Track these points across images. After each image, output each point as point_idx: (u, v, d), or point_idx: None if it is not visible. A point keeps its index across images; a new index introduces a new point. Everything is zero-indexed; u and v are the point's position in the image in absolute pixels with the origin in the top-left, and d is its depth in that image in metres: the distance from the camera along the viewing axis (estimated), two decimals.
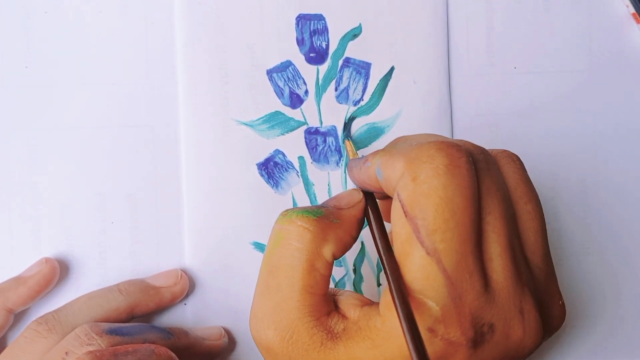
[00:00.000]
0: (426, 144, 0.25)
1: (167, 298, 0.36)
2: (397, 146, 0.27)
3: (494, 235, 0.25)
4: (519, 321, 0.25)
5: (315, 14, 0.38)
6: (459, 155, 0.24)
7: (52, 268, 0.36)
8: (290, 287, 0.26)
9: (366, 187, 0.29)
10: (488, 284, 0.25)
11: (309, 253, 0.26)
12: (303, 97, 0.38)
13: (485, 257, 0.25)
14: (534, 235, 0.27)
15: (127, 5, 0.38)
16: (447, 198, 0.24)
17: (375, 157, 0.27)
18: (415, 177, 0.24)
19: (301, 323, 0.26)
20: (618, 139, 0.39)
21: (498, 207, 0.25)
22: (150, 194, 0.37)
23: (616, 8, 0.40)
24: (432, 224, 0.24)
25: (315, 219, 0.27)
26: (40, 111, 0.37)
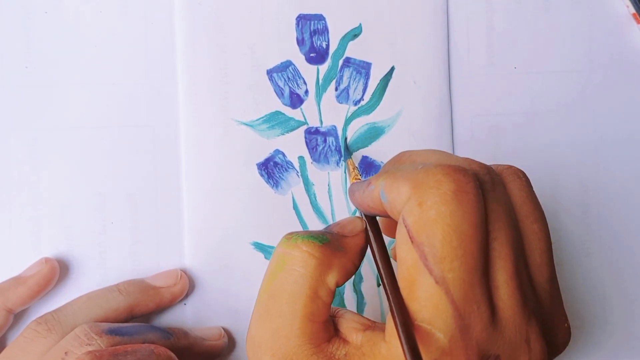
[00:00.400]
0: (433, 168, 0.24)
1: (167, 298, 0.36)
2: (401, 168, 0.26)
3: (500, 262, 0.24)
4: (525, 352, 0.25)
5: (316, 14, 0.38)
6: (466, 181, 0.24)
7: (52, 268, 0.36)
8: (292, 313, 0.25)
9: (370, 210, 0.28)
10: (495, 314, 0.24)
11: (312, 280, 0.26)
12: (303, 97, 0.38)
13: (492, 284, 0.24)
14: (539, 256, 0.26)
15: (127, 5, 0.38)
16: (455, 225, 0.23)
17: (379, 180, 0.26)
18: (422, 202, 0.24)
19: (300, 351, 0.25)
20: (618, 139, 0.39)
21: (505, 231, 0.25)
22: (150, 194, 0.37)
23: (616, 8, 0.40)
24: (440, 252, 0.23)
25: (321, 246, 0.26)
26: (40, 111, 0.37)
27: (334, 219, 0.38)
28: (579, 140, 0.39)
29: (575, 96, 0.39)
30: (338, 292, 0.38)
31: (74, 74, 0.37)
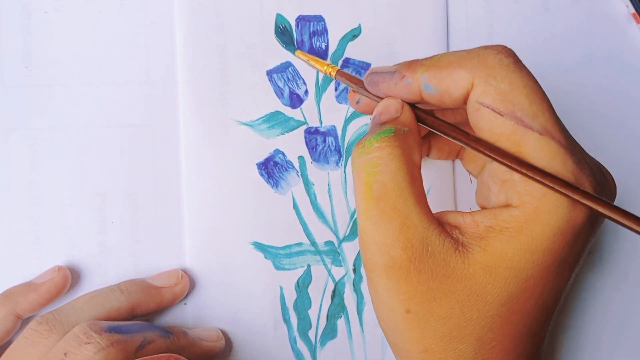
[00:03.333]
0: (483, 50, 0.27)
1: (168, 298, 0.36)
2: (437, 60, 0.28)
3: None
4: (607, 172, 0.29)
5: (315, 15, 0.38)
6: (512, 52, 0.27)
7: (64, 276, 0.36)
8: (406, 203, 0.27)
9: (405, 100, 0.30)
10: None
11: (406, 166, 0.27)
12: (303, 97, 0.38)
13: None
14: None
15: (127, 5, 0.38)
16: (530, 86, 0.26)
17: (417, 73, 0.28)
18: (493, 78, 0.26)
19: (432, 234, 0.27)
20: (618, 139, 0.39)
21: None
22: (150, 194, 0.37)
23: (616, 8, 0.40)
24: (531, 110, 0.26)
25: (394, 135, 0.28)
26: (40, 111, 0.37)
27: (334, 218, 0.38)
28: (578, 140, 0.39)
29: (575, 96, 0.39)
30: (338, 291, 0.38)
31: (74, 74, 0.37)
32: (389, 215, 0.27)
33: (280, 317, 0.38)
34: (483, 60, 0.27)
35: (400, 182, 0.27)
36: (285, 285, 0.38)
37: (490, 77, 0.26)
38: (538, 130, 0.26)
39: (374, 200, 0.27)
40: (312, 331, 0.38)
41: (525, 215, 0.26)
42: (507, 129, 0.26)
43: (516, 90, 0.26)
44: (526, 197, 0.26)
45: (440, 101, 0.28)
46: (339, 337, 0.38)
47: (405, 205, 0.27)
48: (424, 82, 0.28)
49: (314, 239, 0.38)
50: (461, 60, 0.27)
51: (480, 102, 0.26)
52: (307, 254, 0.38)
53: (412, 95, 0.29)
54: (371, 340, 0.38)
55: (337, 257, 0.38)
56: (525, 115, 0.26)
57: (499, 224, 0.26)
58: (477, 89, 0.27)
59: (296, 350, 0.38)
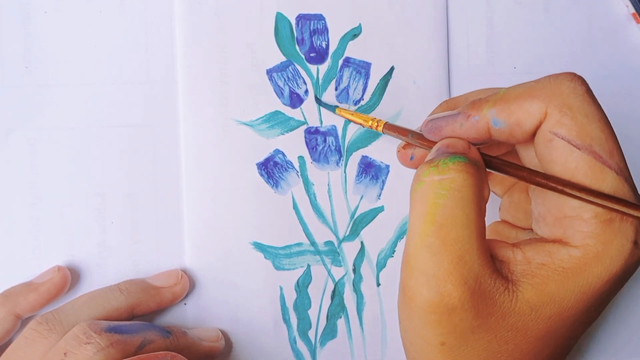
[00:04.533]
0: (556, 78, 0.26)
1: (168, 298, 0.36)
2: (503, 94, 0.27)
3: None
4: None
5: (315, 14, 0.38)
6: (584, 80, 0.26)
7: (64, 277, 0.36)
8: (469, 238, 0.25)
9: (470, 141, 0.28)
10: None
11: (477, 197, 0.25)
12: (303, 96, 0.38)
13: None
14: None
15: (127, 5, 0.38)
16: (604, 121, 0.25)
17: (484, 110, 0.27)
18: (569, 108, 0.25)
19: (485, 271, 0.25)
20: (618, 139, 0.39)
21: None
22: (150, 194, 0.37)
23: (616, 8, 0.40)
24: (608, 146, 0.25)
25: (468, 163, 0.26)
26: (40, 111, 0.37)
27: (334, 218, 0.38)
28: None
29: None
30: (338, 291, 0.38)
31: (74, 74, 0.37)
32: (448, 245, 0.25)
33: (280, 317, 0.38)
34: (556, 89, 0.25)
35: (469, 213, 0.25)
36: (285, 285, 0.38)
37: (565, 107, 0.25)
38: (614, 169, 0.25)
39: (435, 225, 0.25)
40: (312, 331, 0.38)
41: (586, 258, 0.25)
42: (584, 163, 0.25)
43: (593, 124, 0.25)
44: (590, 239, 0.25)
45: (510, 136, 0.26)
46: (338, 337, 0.38)
47: (468, 239, 0.25)
48: (492, 118, 0.26)
49: (314, 239, 0.38)
50: (531, 90, 0.26)
51: (555, 132, 0.25)
52: (307, 254, 0.38)
53: (479, 134, 0.27)
54: (371, 340, 0.38)
55: (337, 257, 0.38)
56: (602, 150, 0.25)
57: (555, 263, 0.25)
58: (550, 119, 0.25)
59: (296, 350, 0.38)
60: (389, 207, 0.38)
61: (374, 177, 0.38)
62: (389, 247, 0.38)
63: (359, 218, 0.38)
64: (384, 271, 0.38)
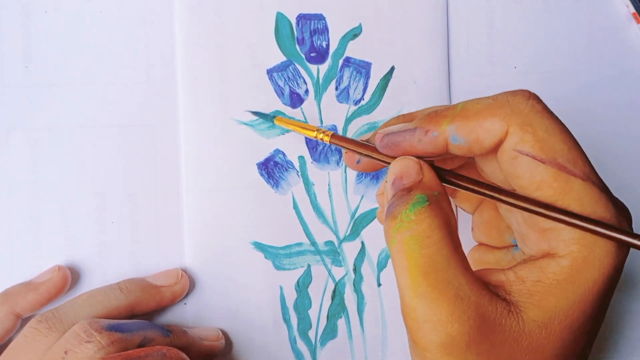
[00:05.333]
0: (512, 96, 0.27)
1: (168, 297, 0.36)
2: (461, 109, 0.27)
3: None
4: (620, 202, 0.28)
5: (316, 14, 0.38)
6: (539, 97, 0.27)
7: (64, 276, 0.36)
8: (456, 275, 0.26)
9: (424, 156, 0.29)
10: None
11: (449, 235, 0.26)
12: (303, 96, 0.38)
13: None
14: None
15: (127, 5, 0.38)
16: (565, 132, 0.26)
17: (442, 126, 0.28)
18: (529, 125, 0.26)
19: (484, 300, 0.25)
20: (618, 139, 0.39)
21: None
22: (150, 194, 0.37)
23: (616, 8, 0.40)
24: (571, 155, 0.26)
25: (429, 205, 0.27)
26: (40, 111, 0.37)
27: (334, 218, 0.38)
28: (578, 140, 0.39)
29: (575, 96, 0.39)
30: (338, 291, 0.38)
31: (74, 74, 0.37)
32: (441, 289, 0.25)
33: (280, 317, 0.38)
34: (515, 108, 0.26)
35: (446, 253, 0.26)
36: (285, 285, 0.38)
37: (525, 124, 0.26)
38: (580, 176, 0.26)
39: (421, 275, 0.26)
40: (312, 331, 0.38)
41: (575, 265, 0.25)
42: (550, 176, 0.26)
43: (554, 137, 0.26)
44: (574, 246, 0.25)
45: (468, 151, 0.27)
46: (339, 337, 0.38)
47: (455, 277, 0.26)
48: (451, 134, 0.27)
49: (314, 239, 0.38)
50: (491, 108, 0.27)
51: (519, 150, 0.26)
52: (307, 254, 0.38)
53: (437, 149, 0.28)
54: (371, 341, 0.38)
55: (337, 257, 0.38)
56: (566, 161, 0.26)
57: (548, 277, 0.26)
58: (513, 137, 0.26)
59: (296, 350, 0.38)
60: None
61: (374, 177, 0.38)
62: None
63: (360, 218, 0.38)
64: (384, 271, 0.38)
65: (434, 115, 0.28)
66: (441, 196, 0.27)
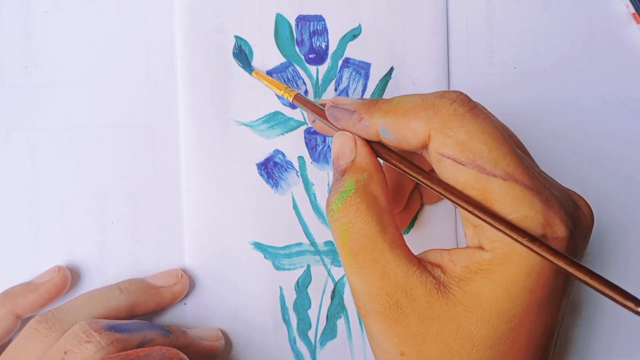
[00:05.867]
0: (439, 99, 0.27)
1: (168, 298, 0.36)
2: (394, 105, 0.28)
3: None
4: (581, 199, 0.29)
5: (315, 15, 0.38)
6: (468, 99, 0.27)
7: (64, 277, 0.36)
8: (382, 254, 0.28)
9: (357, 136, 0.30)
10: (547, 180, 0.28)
11: (375, 217, 0.28)
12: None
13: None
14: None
15: (127, 5, 0.38)
16: (488, 133, 0.26)
17: (375, 118, 0.28)
18: (449, 129, 0.26)
19: (413, 277, 0.27)
20: (618, 139, 0.39)
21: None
22: (150, 194, 0.37)
23: (616, 8, 0.40)
24: (492, 156, 0.26)
25: (354, 192, 0.28)
26: (40, 111, 0.37)
27: None
28: (578, 140, 0.39)
29: (575, 96, 0.39)
30: (338, 291, 0.38)
31: (74, 74, 0.37)
32: (369, 267, 0.28)
33: (280, 317, 0.38)
34: (438, 111, 0.27)
35: (372, 235, 0.28)
36: (285, 286, 0.38)
37: (446, 128, 0.26)
38: (501, 176, 0.26)
39: (352, 256, 0.28)
40: (311, 331, 0.38)
41: (496, 260, 0.26)
42: (470, 178, 0.26)
43: (474, 139, 0.26)
44: (497, 242, 0.26)
45: (398, 146, 0.28)
46: (338, 337, 0.38)
47: (381, 255, 0.27)
48: (381, 128, 0.28)
49: (314, 239, 0.38)
50: (417, 109, 0.27)
51: (440, 152, 0.27)
52: (306, 254, 0.38)
53: (370, 137, 0.29)
54: None
55: (337, 257, 0.38)
56: (486, 162, 0.26)
57: (473, 265, 0.27)
58: (435, 140, 0.27)
59: (296, 351, 0.38)
60: None
61: None
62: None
63: None
64: None
65: (371, 105, 0.29)
66: (370, 177, 0.29)
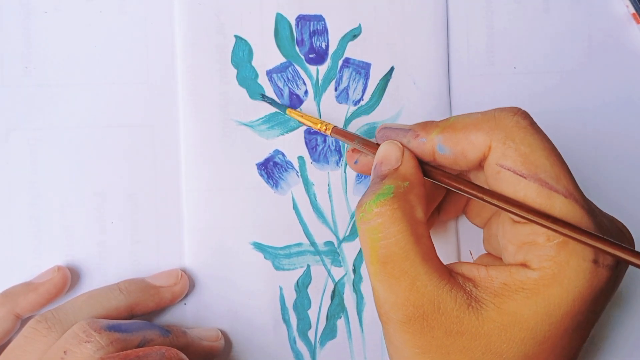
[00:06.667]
0: (499, 112, 0.27)
1: (167, 298, 0.36)
2: (452, 121, 0.28)
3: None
4: (624, 227, 0.29)
5: (315, 15, 0.38)
6: (527, 114, 0.27)
7: (64, 277, 0.36)
8: (413, 265, 0.26)
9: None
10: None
11: (409, 227, 0.27)
12: (303, 97, 0.38)
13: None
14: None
15: (127, 5, 0.38)
16: (549, 149, 0.26)
17: (431, 134, 0.28)
18: (512, 141, 0.26)
19: (443, 291, 0.26)
20: (618, 139, 0.39)
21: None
22: (150, 194, 0.37)
23: (616, 8, 0.40)
24: (554, 172, 0.26)
25: (393, 197, 0.27)
26: (40, 111, 0.37)
27: (334, 219, 0.38)
28: (578, 141, 0.39)
29: (575, 96, 0.39)
30: (338, 292, 0.38)
31: (74, 74, 0.37)
32: (397, 277, 0.27)
33: (279, 317, 0.38)
34: (500, 123, 0.27)
35: (405, 245, 0.27)
36: (285, 286, 0.38)
37: (508, 140, 0.26)
38: (563, 192, 0.26)
39: (380, 264, 0.27)
40: (311, 331, 0.38)
41: (543, 280, 0.26)
42: (532, 191, 0.26)
43: (536, 152, 0.26)
44: (547, 262, 0.26)
45: (454, 163, 0.28)
46: (338, 337, 0.38)
47: (412, 267, 0.26)
48: (438, 143, 0.28)
49: (314, 240, 0.38)
50: (477, 122, 0.27)
51: (501, 164, 0.26)
52: (306, 254, 0.38)
53: (424, 155, 0.29)
54: (371, 341, 0.38)
55: (337, 257, 0.38)
56: (548, 177, 0.26)
57: (515, 283, 0.26)
58: (495, 152, 0.26)
59: (296, 351, 0.38)
60: None
61: None
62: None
63: None
64: None
65: (428, 123, 0.29)
66: (411, 187, 0.28)
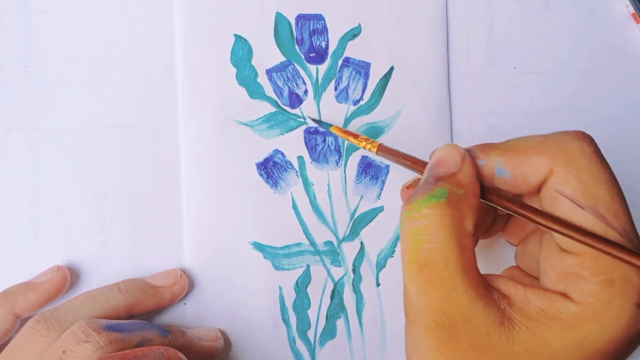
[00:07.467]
0: (563, 136, 0.26)
1: (167, 298, 0.36)
2: (512, 144, 0.27)
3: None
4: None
5: (315, 14, 0.38)
6: (592, 139, 0.26)
7: (63, 276, 0.36)
8: (452, 276, 0.25)
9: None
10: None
11: (455, 236, 0.26)
12: (302, 96, 0.38)
13: None
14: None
15: (127, 5, 0.38)
16: (611, 181, 0.25)
17: (491, 156, 0.27)
18: (575, 168, 0.25)
19: (476, 306, 0.25)
20: (618, 140, 0.39)
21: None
22: (150, 194, 0.37)
23: (616, 8, 0.40)
24: (613, 207, 0.25)
25: (446, 201, 0.26)
26: (40, 111, 0.37)
27: (333, 218, 0.38)
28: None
29: (574, 96, 0.39)
30: (337, 292, 0.38)
31: (74, 74, 0.37)
32: (432, 283, 0.26)
33: (279, 317, 0.38)
34: (563, 147, 0.26)
35: (447, 254, 0.25)
36: (285, 286, 0.38)
37: (571, 166, 0.25)
38: (619, 230, 0.25)
39: (417, 265, 0.26)
40: (311, 331, 0.38)
41: (583, 314, 0.25)
42: (588, 223, 0.25)
43: (598, 184, 0.25)
44: (590, 297, 0.25)
45: (513, 187, 0.27)
46: (338, 337, 0.38)
47: (450, 277, 0.25)
48: (497, 167, 0.27)
49: (314, 239, 0.38)
50: (539, 145, 0.26)
51: (560, 190, 0.25)
52: (306, 254, 0.38)
53: (483, 178, 0.27)
54: (370, 341, 0.38)
55: (337, 257, 0.38)
56: (607, 211, 0.25)
57: (553, 312, 0.25)
58: (556, 177, 0.26)
59: (295, 350, 0.38)
60: (388, 207, 0.38)
61: (373, 177, 0.38)
62: (389, 247, 0.38)
63: (359, 218, 0.38)
64: (383, 271, 0.38)
65: (487, 145, 0.28)
66: (465, 196, 0.26)
